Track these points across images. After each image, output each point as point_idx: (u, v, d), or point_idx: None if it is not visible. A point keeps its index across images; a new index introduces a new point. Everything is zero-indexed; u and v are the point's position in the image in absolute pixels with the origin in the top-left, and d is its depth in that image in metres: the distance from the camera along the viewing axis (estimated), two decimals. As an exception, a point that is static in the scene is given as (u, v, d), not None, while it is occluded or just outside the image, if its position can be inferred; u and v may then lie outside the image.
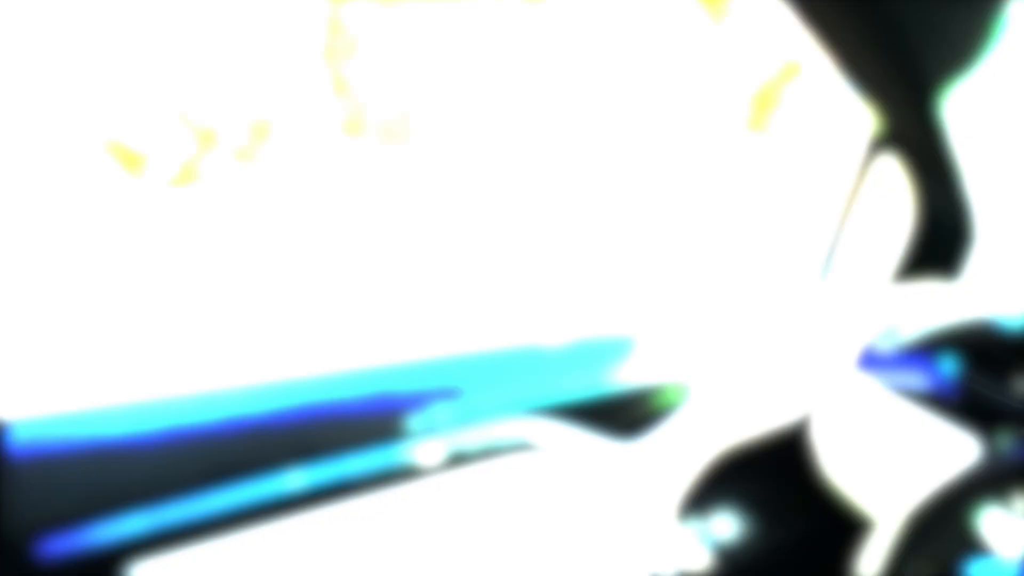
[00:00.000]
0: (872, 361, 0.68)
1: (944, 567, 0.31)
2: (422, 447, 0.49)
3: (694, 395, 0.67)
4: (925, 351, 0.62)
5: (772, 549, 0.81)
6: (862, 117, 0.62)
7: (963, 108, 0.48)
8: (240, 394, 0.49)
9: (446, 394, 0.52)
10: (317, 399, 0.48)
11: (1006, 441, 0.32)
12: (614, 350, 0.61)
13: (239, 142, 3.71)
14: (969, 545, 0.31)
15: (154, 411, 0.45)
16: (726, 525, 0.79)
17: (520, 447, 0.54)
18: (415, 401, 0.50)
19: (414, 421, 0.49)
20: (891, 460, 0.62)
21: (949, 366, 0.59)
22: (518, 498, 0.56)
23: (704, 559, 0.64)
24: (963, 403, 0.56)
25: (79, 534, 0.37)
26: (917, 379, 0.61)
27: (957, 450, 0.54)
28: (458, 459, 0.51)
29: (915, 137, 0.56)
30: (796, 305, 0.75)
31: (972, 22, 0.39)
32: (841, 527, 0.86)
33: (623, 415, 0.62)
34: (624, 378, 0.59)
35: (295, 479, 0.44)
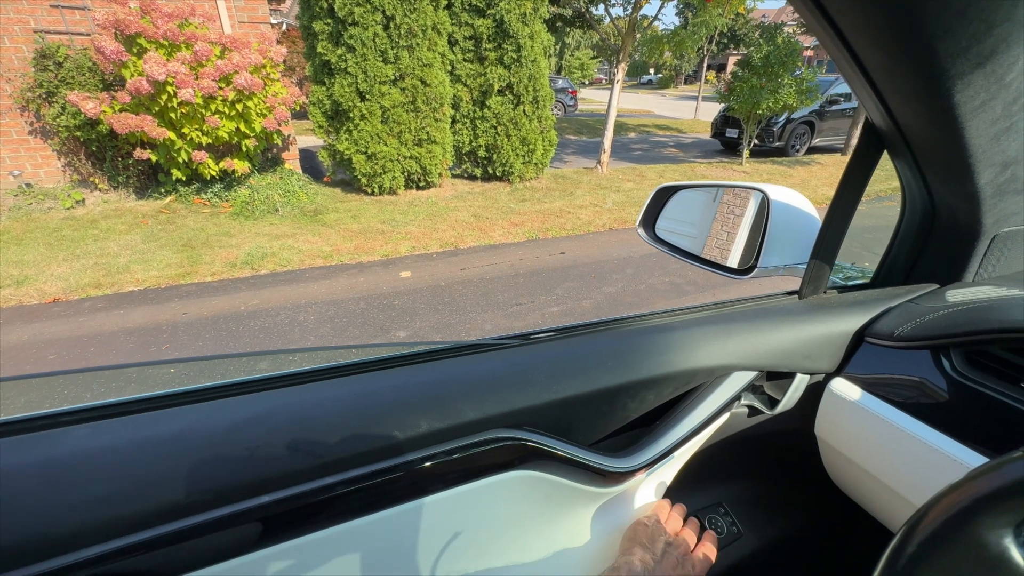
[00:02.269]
0: (871, 358, 0.67)
1: None
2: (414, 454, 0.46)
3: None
4: (926, 348, 0.61)
5: (779, 542, 0.80)
6: (865, 110, 0.60)
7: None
8: (230, 402, 0.46)
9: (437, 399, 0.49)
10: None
11: (1016, 452, 0.30)
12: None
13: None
14: (982, 562, 0.29)
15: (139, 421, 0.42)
16: (733, 517, 0.78)
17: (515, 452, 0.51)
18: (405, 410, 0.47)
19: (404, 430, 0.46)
20: (893, 462, 0.61)
21: (952, 364, 0.58)
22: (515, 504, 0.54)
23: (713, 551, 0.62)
24: (968, 403, 0.55)
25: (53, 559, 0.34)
26: (918, 376, 0.60)
27: (963, 454, 0.53)
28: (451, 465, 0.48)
29: (920, 130, 0.54)
30: (795, 300, 0.73)
31: (987, 9, 0.36)
32: (847, 523, 0.86)
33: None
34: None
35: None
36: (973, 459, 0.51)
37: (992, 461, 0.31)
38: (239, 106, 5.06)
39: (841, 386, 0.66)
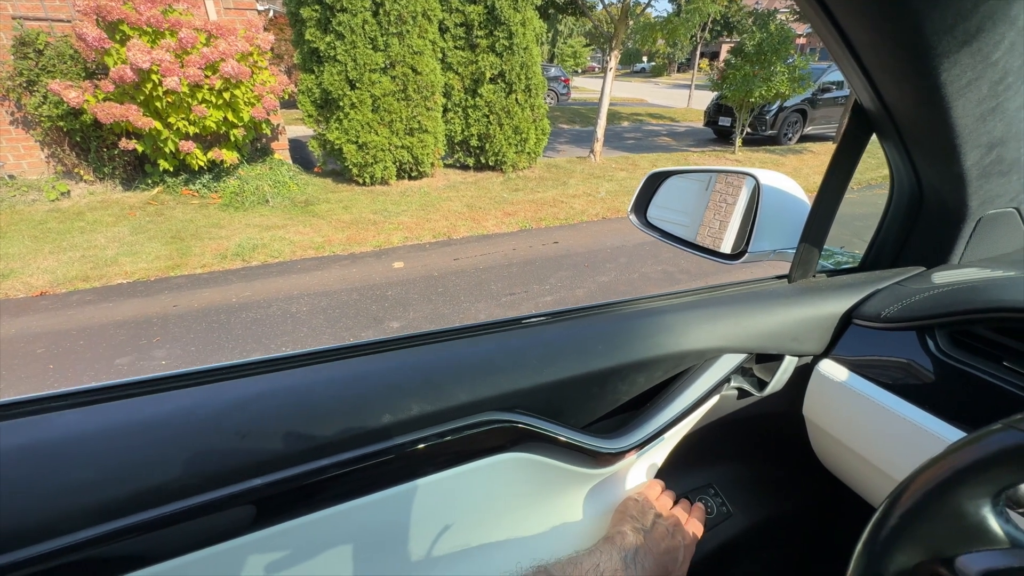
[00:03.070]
0: (859, 339, 0.67)
1: (934, 554, 0.30)
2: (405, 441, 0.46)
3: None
4: (912, 329, 0.61)
5: (768, 521, 0.81)
6: (852, 91, 0.60)
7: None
8: (228, 386, 0.45)
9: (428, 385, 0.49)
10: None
11: (995, 424, 0.31)
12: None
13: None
14: (961, 531, 0.30)
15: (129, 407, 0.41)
16: (723, 497, 0.80)
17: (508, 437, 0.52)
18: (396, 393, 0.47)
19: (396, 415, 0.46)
20: (878, 441, 0.62)
21: (937, 344, 0.59)
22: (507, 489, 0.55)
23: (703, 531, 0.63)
24: (952, 383, 0.56)
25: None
26: (904, 357, 0.61)
27: (947, 432, 0.54)
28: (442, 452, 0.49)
29: (908, 111, 0.55)
30: (784, 282, 0.74)
31: None
32: (834, 501, 0.87)
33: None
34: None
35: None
36: (956, 436, 0.53)
37: (971, 435, 0.31)
38: (226, 95, 4.97)
39: (829, 367, 0.67)
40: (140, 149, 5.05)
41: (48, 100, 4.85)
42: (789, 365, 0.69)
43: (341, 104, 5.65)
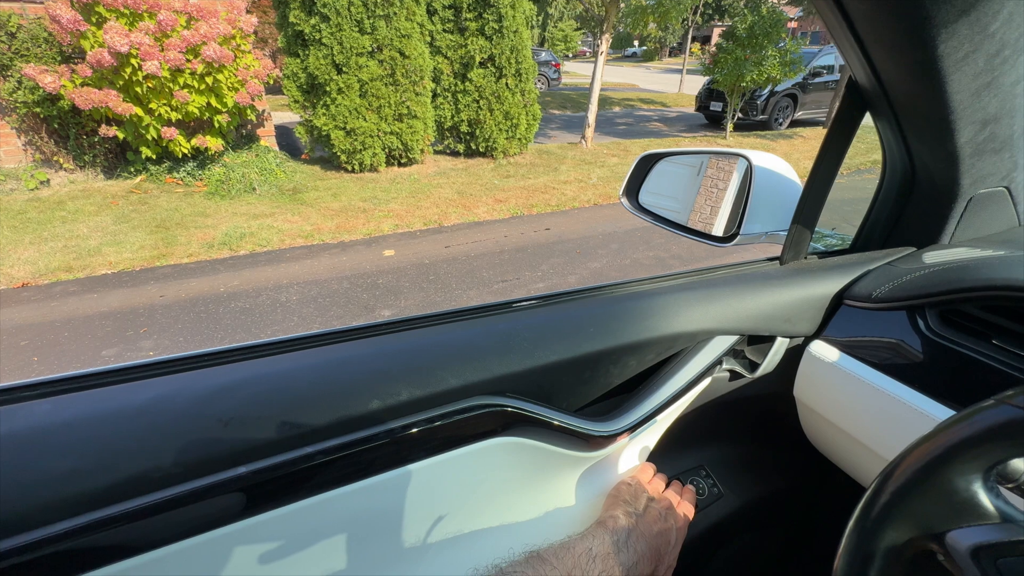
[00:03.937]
0: (850, 320, 0.68)
1: (925, 530, 0.30)
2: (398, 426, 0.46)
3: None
4: (903, 309, 0.61)
5: (758, 501, 0.82)
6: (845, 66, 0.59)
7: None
8: (211, 373, 0.44)
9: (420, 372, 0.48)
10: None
11: (987, 400, 0.31)
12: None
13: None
14: (952, 507, 0.30)
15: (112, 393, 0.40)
16: (714, 479, 0.80)
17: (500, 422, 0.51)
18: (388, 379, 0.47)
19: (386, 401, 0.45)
20: (869, 421, 0.63)
21: (927, 324, 0.59)
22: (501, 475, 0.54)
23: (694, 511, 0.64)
24: (942, 361, 0.56)
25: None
26: (894, 337, 0.61)
27: (936, 410, 0.54)
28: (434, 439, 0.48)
29: (902, 86, 0.54)
30: (775, 263, 0.74)
31: None
32: (823, 482, 0.88)
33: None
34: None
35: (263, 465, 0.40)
36: (946, 414, 0.53)
37: (962, 412, 0.31)
38: (209, 79, 4.84)
39: (820, 348, 0.67)
40: (121, 136, 4.92)
41: (23, 85, 4.69)
42: (780, 346, 0.69)
43: (328, 89, 5.54)
